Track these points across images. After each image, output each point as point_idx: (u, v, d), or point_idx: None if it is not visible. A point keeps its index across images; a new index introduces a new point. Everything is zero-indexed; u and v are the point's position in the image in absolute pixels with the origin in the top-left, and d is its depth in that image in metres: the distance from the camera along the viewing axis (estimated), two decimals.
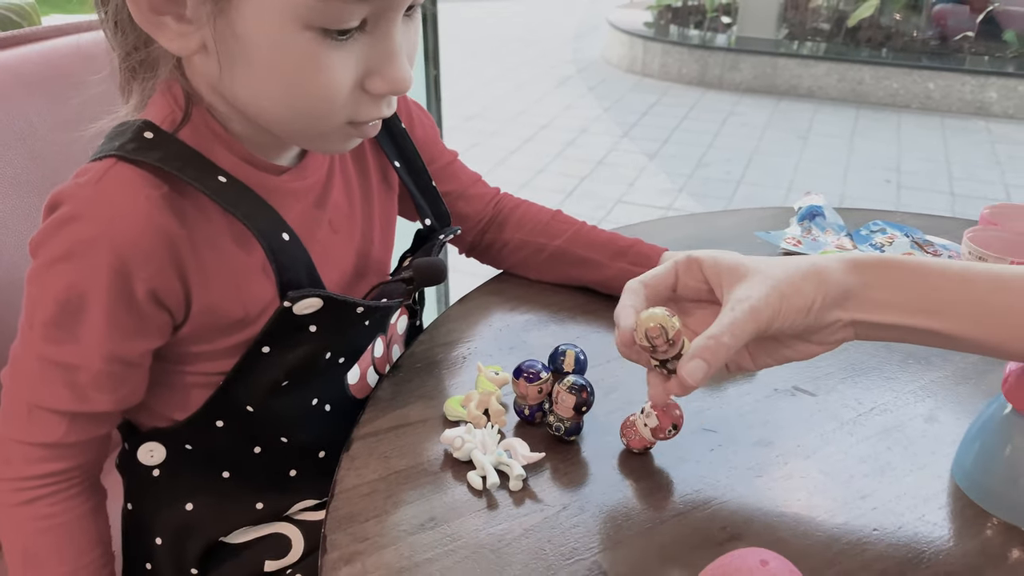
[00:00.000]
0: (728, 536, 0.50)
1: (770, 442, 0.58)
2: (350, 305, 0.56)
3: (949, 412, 0.62)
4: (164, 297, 0.52)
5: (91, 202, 0.49)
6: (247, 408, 0.57)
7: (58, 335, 0.51)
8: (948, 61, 4.22)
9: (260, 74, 0.48)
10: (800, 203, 0.90)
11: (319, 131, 0.52)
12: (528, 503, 0.53)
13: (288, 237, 0.53)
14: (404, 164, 0.67)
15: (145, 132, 0.51)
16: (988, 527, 0.52)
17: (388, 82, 0.49)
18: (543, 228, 0.77)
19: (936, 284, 0.50)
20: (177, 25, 0.47)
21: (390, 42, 0.48)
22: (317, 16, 0.45)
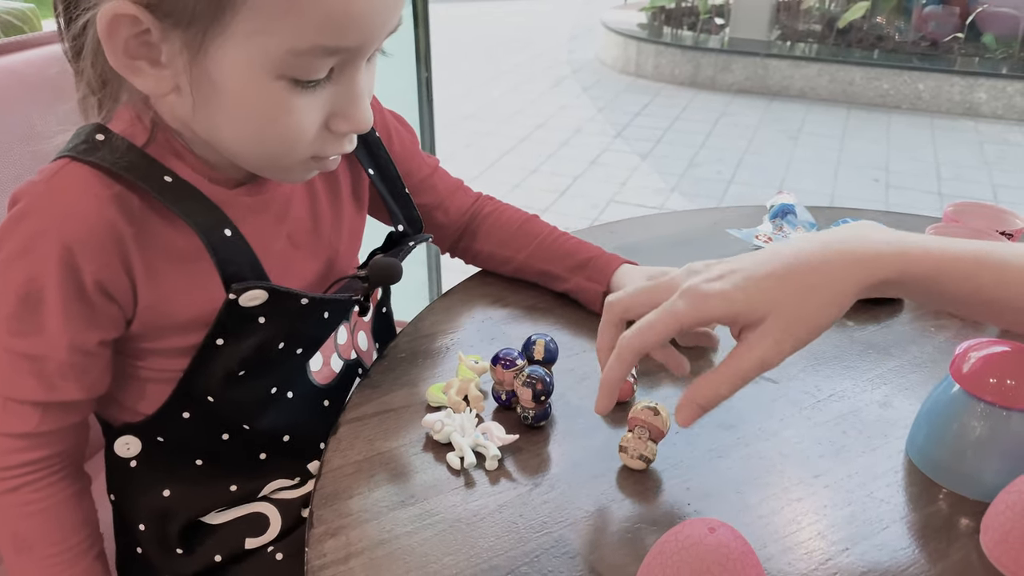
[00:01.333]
0: (688, 511, 0.54)
1: (732, 425, 0.62)
2: (294, 296, 0.59)
3: (903, 398, 0.65)
4: (112, 290, 0.54)
5: (42, 198, 0.52)
6: (208, 398, 0.60)
7: (21, 328, 0.53)
8: (938, 62, 4.27)
9: (231, 117, 0.51)
10: (772, 201, 0.94)
11: (283, 165, 0.55)
12: (503, 482, 0.56)
13: (230, 233, 0.56)
14: (378, 172, 0.70)
15: (97, 134, 0.53)
16: (937, 499, 0.56)
17: (351, 122, 0.53)
18: (509, 239, 0.80)
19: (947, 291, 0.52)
20: (152, 69, 0.49)
21: (354, 87, 0.52)
22: (289, 68, 0.48)
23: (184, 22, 0.46)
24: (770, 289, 0.50)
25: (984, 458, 0.55)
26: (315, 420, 0.66)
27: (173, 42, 0.48)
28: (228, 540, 0.66)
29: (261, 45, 0.47)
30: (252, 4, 0.45)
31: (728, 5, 4.93)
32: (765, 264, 0.51)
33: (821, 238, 0.52)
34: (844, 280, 0.50)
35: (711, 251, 0.88)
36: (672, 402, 0.56)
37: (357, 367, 0.72)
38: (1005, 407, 0.54)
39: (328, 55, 0.48)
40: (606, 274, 0.74)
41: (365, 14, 0.48)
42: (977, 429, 0.55)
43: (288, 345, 0.62)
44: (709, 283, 0.51)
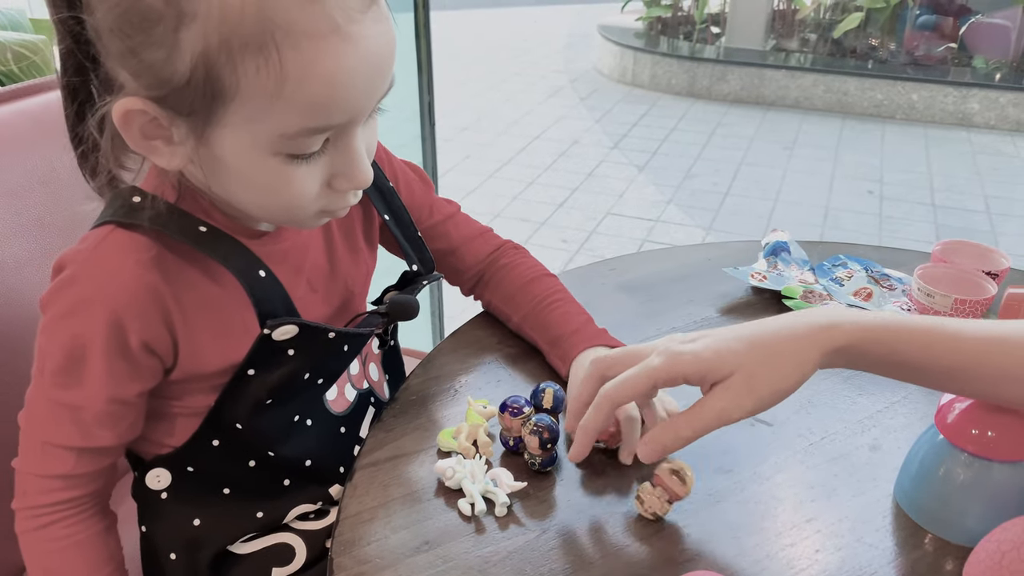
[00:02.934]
0: (688, 557, 0.57)
1: (729, 470, 0.65)
2: (323, 331, 0.63)
3: (892, 441, 0.68)
4: (155, 346, 0.59)
5: (88, 265, 0.56)
6: (236, 426, 0.64)
7: (65, 381, 0.58)
8: (931, 73, 4.31)
9: (238, 186, 0.55)
10: (767, 239, 0.97)
11: (294, 219, 0.60)
12: (512, 527, 0.59)
13: (264, 274, 0.60)
14: (392, 217, 0.74)
15: (134, 196, 0.57)
16: (924, 544, 0.59)
17: (351, 181, 0.56)
18: (510, 297, 0.81)
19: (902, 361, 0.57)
20: (167, 147, 0.53)
21: (351, 151, 0.55)
22: (284, 147, 0.51)
23: (185, 112, 0.50)
24: (738, 351, 0.56)
25: (967, 505, 0.58)
26: (333, 446, 0.71)
27: (180, 127, 0.52)
28: (255, 570, 0.69)
29: (254, 131, 0.50)
30: (242, 97, 0.48)
31: (724, 14, 4.97)
32: (736, 331, 0.58)
33: (790, 314, 0.59)
34: (807, 348, 0.56)
35: (707, 288, 0.92)
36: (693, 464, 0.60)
37: (369, 396, 0.76)
38: (987, 458, 0.57)
39: (318, 133, 0.52)
40: (569, 358, 0.74)
41: (349, 95, 0.50)
42: (960, 477, 0.58)
43: (312, 376, 0.66)
44: (683, 344, 0.57)
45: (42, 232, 0.83)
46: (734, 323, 0.83)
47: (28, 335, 0.78)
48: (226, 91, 0.48)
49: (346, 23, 0.48)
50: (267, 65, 0.47)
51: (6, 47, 1.20)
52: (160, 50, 0.48)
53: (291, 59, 0.47)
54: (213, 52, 0.47)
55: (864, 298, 0.89)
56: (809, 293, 0.88)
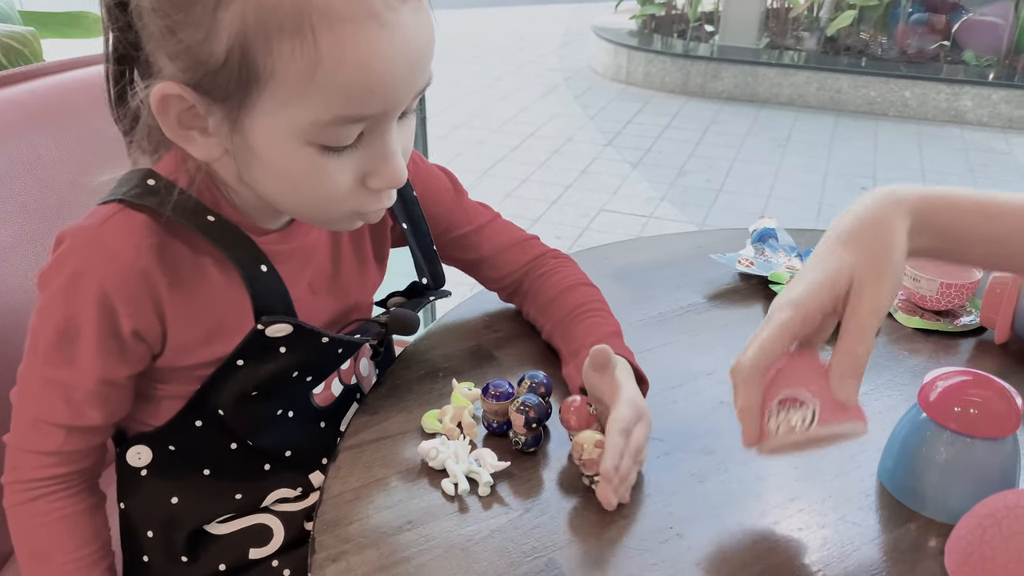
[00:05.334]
0: (670, 536, 0.57)
1: (713, 450, 0.65)
2: (317, 334, 0.63)
3: (876, 422, 0.68)
4: (144, 333, 0.59)
5: (88, 243, 0.56)
6: (219, 412, 0.64)
7: (57, 359, 0.58)
8: (924, 70, 4.32)
9: (271, 178, 0.55)
10: (754, 226, 0.97)
11: (327, 218, 0.60)
12: (495, 507, 0.59)
13: (266, 268, 0.60)
14: (411, 226, 0.73)
15: (148, 179, 0.58)
16: (906, 522, 0.59)
17: (385, 179, 0.55)
18: (544, 308, 0.77)
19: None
20: (202, 138, 0.54)
21: (385, 147, 0.54)
22: (316, 136, 0.51)
23: (220, 98, 0.51)
24: (842, 256, 0.55)
25: (949, 483, 0.59)
26: (312, 438, 0.70)
27: (216, 114, 0.52)
28: (232, 550, 0.69)
29: (288, 118, 0.50)
30: (276, 81, 0.49)
31: (718, 12, 4.97)
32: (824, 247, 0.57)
33: (858, 205, 0.59)
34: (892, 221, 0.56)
35: (695, 274, 0.92)
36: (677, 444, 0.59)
37: (356, 391, 0.75)
38: (969, 435, 0.57)
39: (352, 123, 0.51)
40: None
41: (385, 84, 0.50)
42: (943, 455, 0.59)
43: (301, 374, 0.66)
44: (793, 289, 0.56)
45: (26, 218, 0.83)
46: (722, 309, 0.85)
47: (14, 320, 0.78)
48: (261, 74, 0.48)
49: (384, 9, 0.48)
50: (302, 48, 0.47)
51: None
52: (198, 30, 0.48)
53: (327, 42, 0.47)
54: (250, 33, 0.47)
55: None
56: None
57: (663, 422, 0.68)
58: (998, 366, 0.76)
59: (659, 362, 0.76)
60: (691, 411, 0.69)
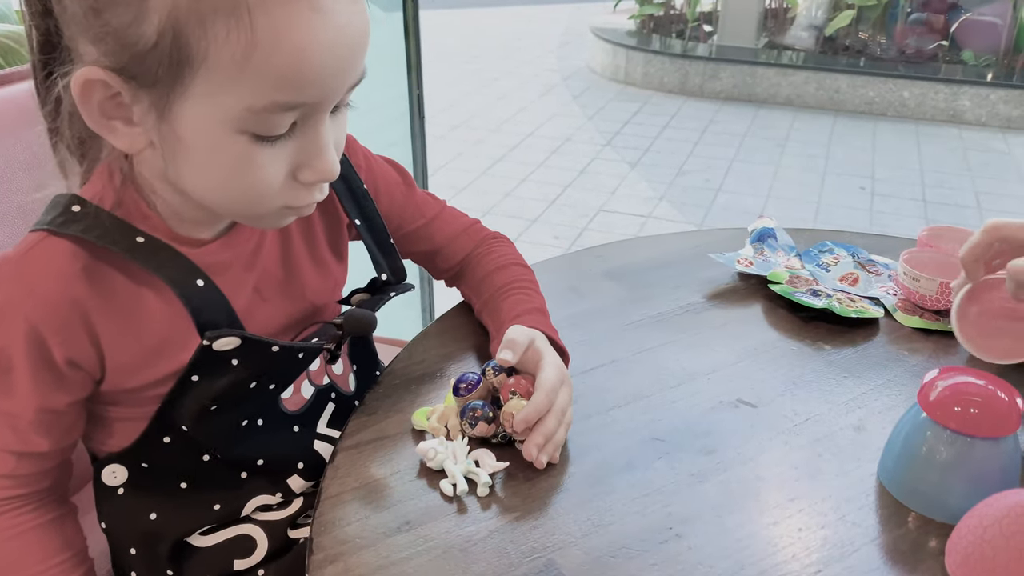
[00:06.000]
0: (670, 536, 0.57)
1: (712, 450, 0.65)
2: (266, 344, 0.61)
3: (876, 422, 0.68)
4: (79, 361, 0.57)
5: (11, 275, 0.55)
6: (183, 427, 0.62)
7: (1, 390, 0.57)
8: (922, 70, 4.32)
9: (200, 170, 0.53)
10: (753, 225, 0.97)
11: (257, 214, 0.57)
12: (493, 507, 0.59)
13: (203, 283, 0.58)
14: (364, 222, 0.72)
15: (73, 206, 0.56)
16: (907, 522, 0.59)
17: (317, 173, 0.54)
18: (476, 286, 0.80)
19: None
20: (126, 128, 0.52)
21: (318, 139, 0.53)
22: (249, 124, 0.50)
23: (148, 83, 0.49)
24: None
25: (949, 483, 0.58)
26: (285, 444, 0.68)
27: (142, 101, 0.50)
28: (216, 562, 0.67)
29: (220, 104, 0.49)
30: (209, 65, 0.47)
31: (716, 12, 4.97)
32: None
33: None
34: None
35: (694, 274, 0.92)
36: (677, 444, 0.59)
37: (330, 391, 0.72)
38: (969, 435, 0.57)
39: (286, 110, 0.50)
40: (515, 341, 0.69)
41: (320, 72, 0.49)
42: (943, 455, 0.58)
43: (260, 383, 0.64)
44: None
45: (23, 219, 0.82)
46: (721, 308, 0.85)
47: None
48: (194, 57, 0.47)
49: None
50: (238, 30, 0.46)
51: None
52: (127, 11, 0.46)
53: (263, 25, 0.46)
54: (183, 14, 0.46)
55: (851, 283, 0.89)
56: (795, 279, 0.88)
57: (663, 422, 0.67)
58: (996, 365, 0.75)
59: (658, 362, 0.76)
60: (690, 411, 0.69)
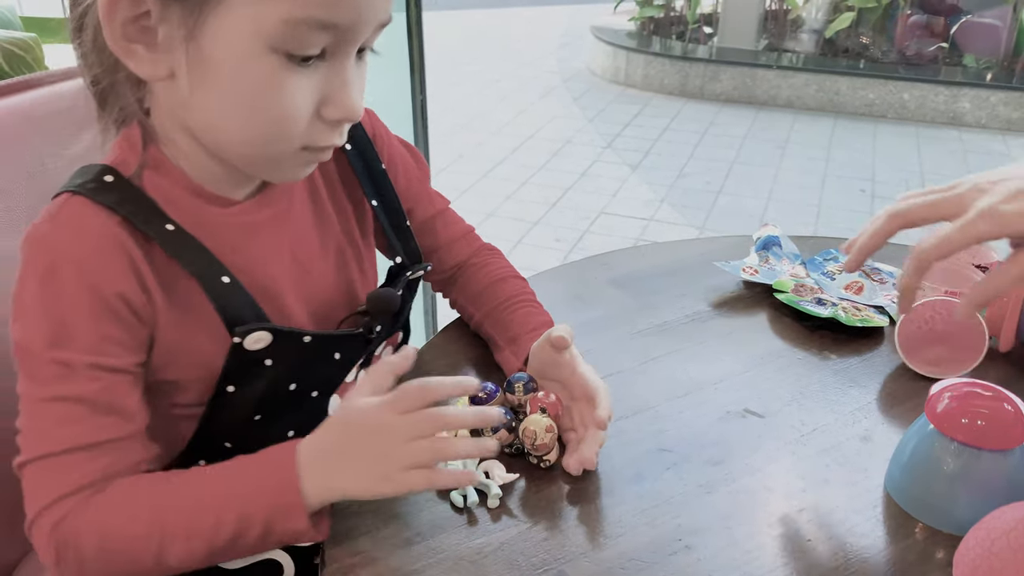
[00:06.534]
0: (679, 547, 0.57)
1: (720, 461, 0.65)
2: (297, 335, 0.61)
3: (882, 432, 0.69)
4: (132, 301, 0.55)
5: (49, 234, 0.54)
6: (225, 445, 0.62)
7: (60, 372, 0.53)
8: (923, 72, 4.33)
9: (225, 97, 0.52)
10: (758, 234, 0.97)
11: (275, 155, 0.56)
12: (504, 519, 0.59)
13: (228, 280, 0.58)
14: (381, 204, 0.72)
15: (105, 175, 0.55)
16: (914, 533, 0.59)
17: (341, 109, 0.54)
18: (476, 297, 0.79)
19: None
20: (147, 53, 0.51)
21: (344, 72, 0.53)
22: (283, 40, 0.49)
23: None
24: None
25: (957, 494, 0.59)
26: None
27: (170, 20, 0.49)
28: None
29: (257, 15, 0.48)
30: None
31: (716, 14, 4.98)
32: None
33: None
34: None
35: (699, 282, 0.92)
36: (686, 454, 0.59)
37: None
38: (976, 447, 0.57)
39: (321, 29, 0.50)
40: (524, 352, 0.72)
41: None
42: (950, 467, 0.59)
43: (300, 387, 0.64)
44: (1006, 204, 0.57)
45: None
46: (727, 317, 0.85)
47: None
48: None
49: None
50: None
51: None
52: None
53: None
54: None
55: (855, 291, 0.89)
56: (800, 287, 0.88)
57: (670, 433, 0.68)
58: (1003, 375, 0.76)
59: (664, 371, 0.76)
60: (698, 421, 0.69)
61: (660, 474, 0.63)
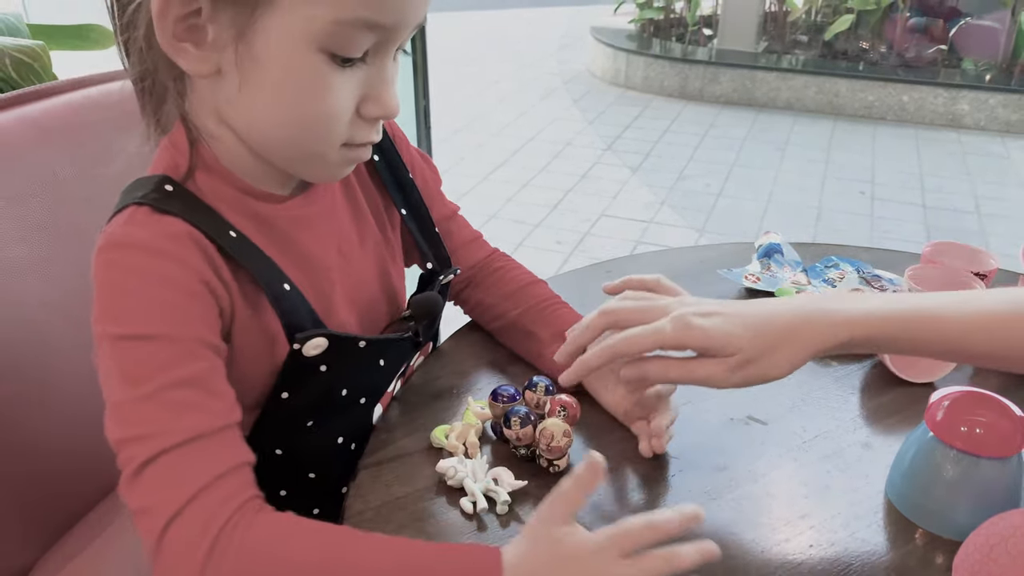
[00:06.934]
0: None
1: (724, 467, 0.66)
2: (352, 340, 0.63)
3: (883, 439, 0.70)
4: (216, 290, 0.56)
5: (130, 234, 0.54)
6: (276, 451, 0.64)
7: (170, 353, 0.52)
8: (922, 74, 4.34)
9: (271, 95, 0.54)
10: (760, 241, 0.98)
11: (317, 153, 0.57)
12: (513, 525, 0.60)
13: (288, 287, 0.59)
14: (410, 212, 0.74)
15: (165, 185, 0.56)
16: (914, 538, 0.60)
17: (381, 107, 0.56)
18: (509, 295, 0.81)
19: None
20: (196, 51, 0.52)
21: (385, 72, 0.56)
22: (331, 40, 0.51)
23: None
24: (742, 337, 0.60)
25: (956, 500, 0.60)
26: None
27: (220, 20, 0.51)
28: None
29: (307, 15, 0.50)
30: None
31: (716, 16, 4.99)
32: (746, 316, 0.61)
33: (793, 305, 0.62)
34: (802, 347, 0.60)
35: (701, 289, 0.92)
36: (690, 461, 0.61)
37: None
38: (975, 454, 0.59)
39: (368, 29, 0.52)
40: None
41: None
42: (950, 473, 0.60)
43: (350, 393, 0.65)
44: (696, 317, 0.60)
45: (43, 237, 0.84)
46: None
47: (32, 336, 0.79)
48: None
49: None
50: None
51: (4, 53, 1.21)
52: None
53: None
54: None
55: None
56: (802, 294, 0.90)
57: (676, 439, 0.69)
58: (1000, 383, 0.77)
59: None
60: (702, 428, 0.71)
61: (666, 480, 0.64)
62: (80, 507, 0.85)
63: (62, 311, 0.83)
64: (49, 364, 0.81)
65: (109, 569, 0.79)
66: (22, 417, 0.78)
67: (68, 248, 0.85)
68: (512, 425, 0.64)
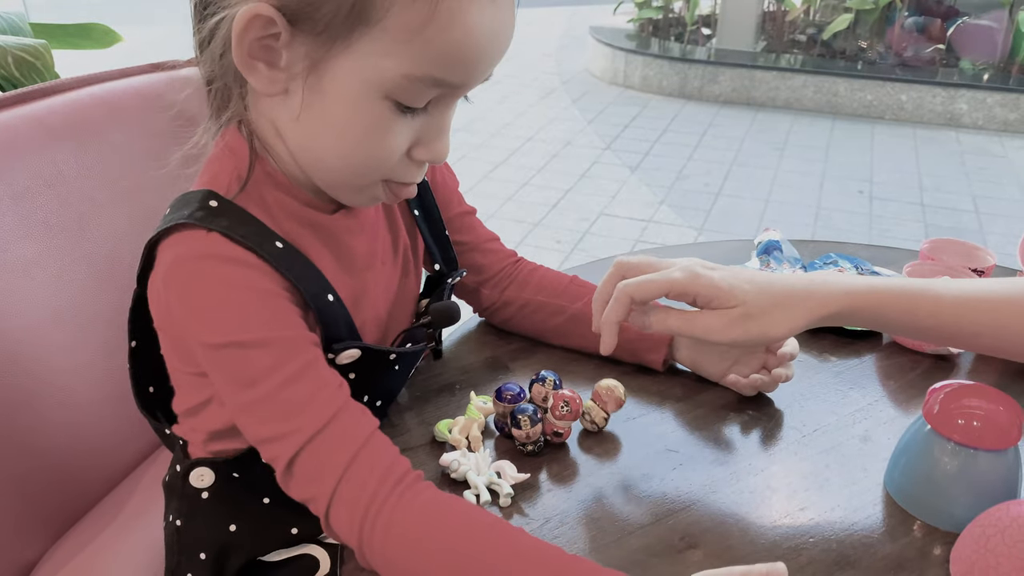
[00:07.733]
0: (686, 545, 0.59)
1: (725, 461, 0.67)
2: (383, 353, 0.64)
3: (882, 432, 0.71)
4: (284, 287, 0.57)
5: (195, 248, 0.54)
6: None
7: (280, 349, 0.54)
8: (920, 74, 4.35)
9: (331, 128, 0.55)
10: (759, 238, 0.99)
11: (359, 184, 0.58)
12: (515, 518, 0.61)
13: (332, 298, 0.59)
14: (423, 212, 0.75)
15: (210, 201, 0.56)
16: (912, 530, 0.61)
17: (432, 153, 0.57)
18: (562, 291, 0.81)
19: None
20: (267, 71, 0.53)
21: (442, 120, 0.57)
22: (398, 91, 0.52)
23: (313, 31, 0.50)
24: (748, 291, 0.63)
25: (954, 493, 0.61)
26: None
27: (296, 49, 0.52)
28: None
29: (380, 65, 0.51)
30: (384, 27, 0.49)
31: (715, 16, 5.00)
32: (750, 274, 0.65)
33: (797, 275, 0.66)
34: (803, 311, 0.63)
35: None
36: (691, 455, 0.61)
37: None
38: (972, 447, 0.59)
39: (435, 86, 0.53)
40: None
41: (477, 56, 0.53)
42: (947, 466, 0.61)
43: (370, 398, 0.66)
44: (704, 269, 0.64)
45: (48, 234, 0.84)
46: None
47: (38, 333, 0.80)
48: (372, 16, 0.49)
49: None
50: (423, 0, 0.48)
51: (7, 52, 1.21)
52: None
53: (447, 1, 0.49)
54: None
55: None
56: None
57: (677, 434, 0.70)
58: (998, 377, 0.78)
59: (668, 374, 0.78)
60: (702, 422, 0.71)
61: (667, 474, 0.65)
62: (84, 502, 0.86)
63: (66, 307, 0.83)
64: (53, 360, 0.81)
65: (114, 563, 0.80)
66: (26, 413, 0.79)
67: (73, 246, 0.85)
68: (522, 425, 0.65)
